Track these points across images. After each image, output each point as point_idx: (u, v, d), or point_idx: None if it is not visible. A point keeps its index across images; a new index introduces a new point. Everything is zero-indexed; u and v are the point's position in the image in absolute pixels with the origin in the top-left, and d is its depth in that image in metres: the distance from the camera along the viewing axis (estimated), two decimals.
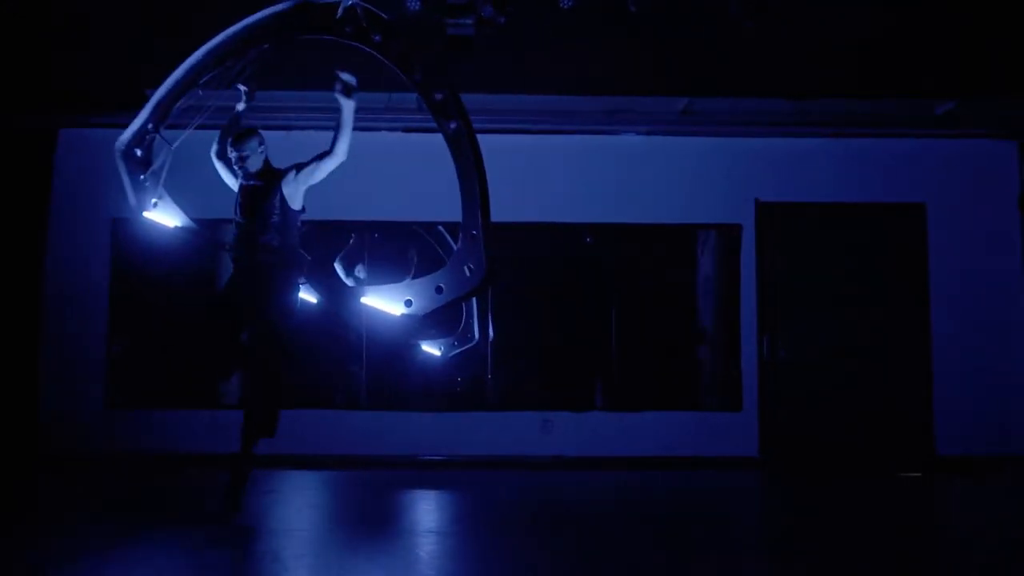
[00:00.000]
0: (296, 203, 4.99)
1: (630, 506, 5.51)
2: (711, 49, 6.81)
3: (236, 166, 5.03)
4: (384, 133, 7.50)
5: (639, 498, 5.84)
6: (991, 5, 6.90)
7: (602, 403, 7.46)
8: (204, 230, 5.86)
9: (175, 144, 5.05)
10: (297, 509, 5.25)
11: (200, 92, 5.08)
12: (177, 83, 5.09)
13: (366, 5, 4.81)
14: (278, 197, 4.97)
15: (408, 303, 4.62)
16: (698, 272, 7.62)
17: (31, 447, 7.05)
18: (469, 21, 6.15)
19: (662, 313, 7.53)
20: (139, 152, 5.04)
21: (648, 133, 7.52)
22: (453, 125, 4.70)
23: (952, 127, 7.46)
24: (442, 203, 7.29)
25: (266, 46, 5.03)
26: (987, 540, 4.44)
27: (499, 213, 7.25)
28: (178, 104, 5.13)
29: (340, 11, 4.74)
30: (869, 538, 4.36)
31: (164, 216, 5.16)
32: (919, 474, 6.96)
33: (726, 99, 7.24)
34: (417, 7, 6.08)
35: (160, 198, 5.09)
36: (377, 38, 4.77)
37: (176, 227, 5.16)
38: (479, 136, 7.44)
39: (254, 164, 5.01)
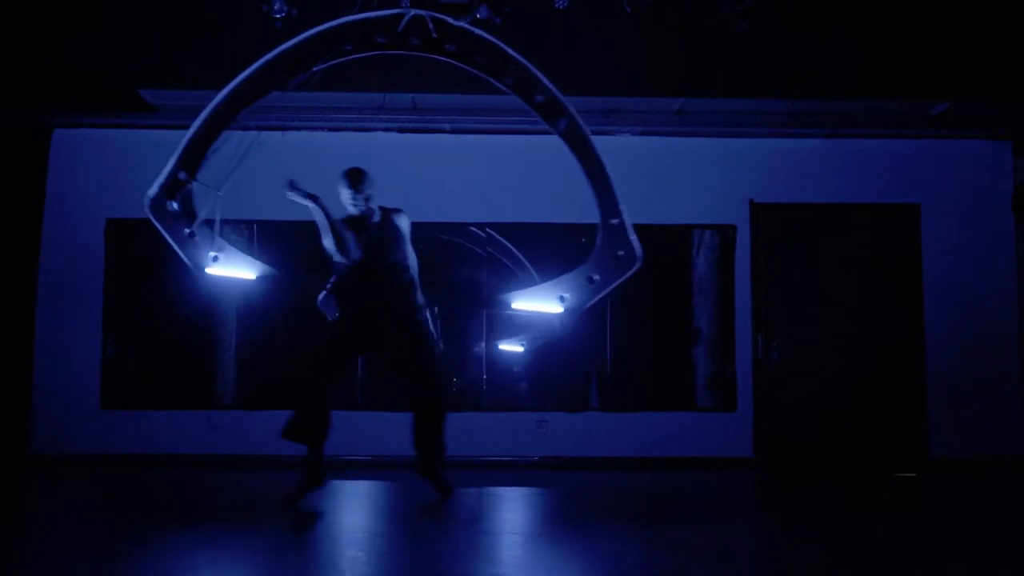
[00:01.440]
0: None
1: (627, 507, 5.52)
2: (706, 50, 6.83)
3: (358, 207, 4.96)
4: (379, 134, 7.49)
5: (635, 498, 5.84)
6: (986, 6, 6.94)
7: (597, 403, 7.46)
8: (291, 272, 5.68)
9: (223, 190, 4.63)
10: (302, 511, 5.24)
11: (234, 125, 4.67)
12: (208, 122, 4.62)
13: (435, 15, 4.56)
14: (402, 234, 5.01)
15: (562, 299, 4.58)
16: (693, 273, 7.62)
17: (25, 448, 7.05)
18: (465, 21, 6.15)
19: (657, 313, 7.54)
20: (175, 205, 4.59)
21: (643, 134, 7.53)
22: (564, 123, 4.62)
23: (947, 128, 7.48)
24: (440, 204, 7.35)
25: (315, 69, 4.66)
26: (983, 540, 4.45)
27: (496, 214, 7.38)
28: (213, 146, 4.68)
29: (403, 23, 4.51)
30: (865, 538, 4.37)
31: (232, 269, 4.72)
32: (913, 475, 6.97)
33: (721, 100, 7.25)
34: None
35: (221, 250, 4.68)
36: (451, 47, 4.55)
37: (256, 278, 4.76)
38: (472, 137, 7.53)
39: (375, 201, 5.02)
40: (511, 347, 6.56)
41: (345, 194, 4.99)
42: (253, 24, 6.78)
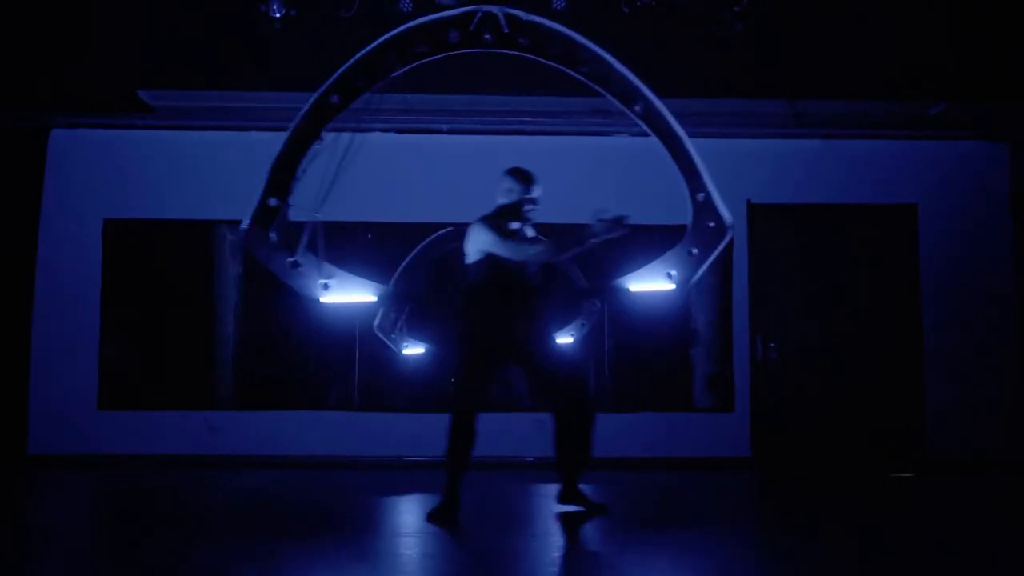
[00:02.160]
0: None
1: (624, 507, 5.51)
2: (704, 51, 6.84)
3: (528, 207, 4.79)
4: (377, 134, 7.48)
5: (632, 499, 5.84)
6: (984, 9, 6.96)
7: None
8: (413, 288, 5.53)
9: (319, 212, 4.37)
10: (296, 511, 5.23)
11: (322, 140, 4.52)
12: (292, 141, 4.44)
13: (508, 10, 4.52)
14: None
15: (670, 276, 4.58)
16: None
17: (22, 448, 7.04)
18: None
19: (654, 313, 7.54)
20: (274, 235, 4.30)
21: (640, 134, 7.51)
22: (639, 106, 4.62)
23: (944, 129, 7.49)
24: (437, 204, 7.35)
25: (394, 75, 4.53)
26: (981, 541, 4.46)
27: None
28: (302, 165, 4.43)
29: (476, 21, 4.43)
30: (863, 538, 4.37)
31: (348, 294, 4.52)
32: (910, 475, 6.97)
33: (718, 101, 7.26)
34: (409, 8, 6.09)
35: (331, 276, 4.43)
36: (524, 41, 4.50)
37: (374, 300, 4.57)
38: (473, 137, 7.53)
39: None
40: (562, 339, 6.55)
41: (519, 191, 4.82)
42: (251, 25, 6.79)
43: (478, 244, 4.72)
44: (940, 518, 5.31)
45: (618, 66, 4.58)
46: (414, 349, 6.46)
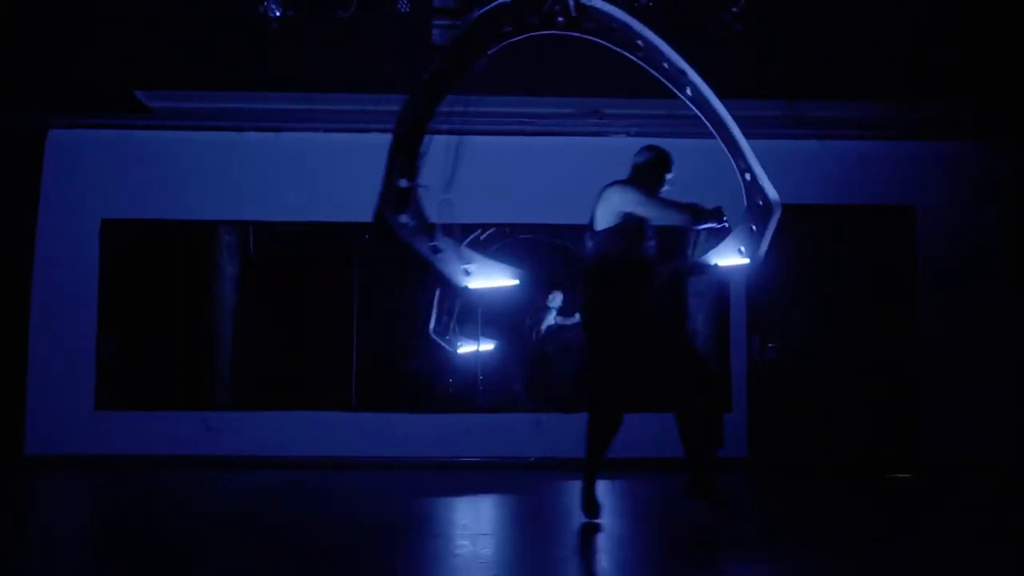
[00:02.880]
0: None
1: (622, 508, 5.52)
2: (701, 51, 6.83)
3: (664, 188, 4.81)
4: (375, 135, 7.47)
5: (631, 500, 5.84)
6: (984, 10, 6.96)
7: None
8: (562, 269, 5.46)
9: (449, 193, 4.21)
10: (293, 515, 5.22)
11: (437, 119, 4.39)
12: (404, 126, 4.33)
13: None
14: None
15: (741, 251, 4.65)
16: None
17: (19, 449, 7.04)
18: (458, 23, 6.16)
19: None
20: (410, 221, 4.11)
21: (638, 135, 7.53)
22: (689, 91, 4.69)
23: (943, 130, 7.48)
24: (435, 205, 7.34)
25: (490, 53, 4.49)
26: (976, 541, 4.46)
27: (493, 214, 7.37)
28: (422, 148, 4.31)
29: (549, 2, 4.39)
30: (860, 538, 4.38)
31: (489, 279, 4.37)
32: (908, 476, 6.98)
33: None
34: (406, 9, 6.09)
35: (470, 261, 4.28)
36: (589, 24, 4.57)
37: (514, 284, 4.43)
38: (468, 137, 7.50)
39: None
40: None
41: (658, 167, 4.89)
42: (249, 26, 6.79)
43: (617, 205, 4.53)
44: (938, 519, 5.31)
45: (668, 51, 4.66)
46: (468, 348, 6.46)
